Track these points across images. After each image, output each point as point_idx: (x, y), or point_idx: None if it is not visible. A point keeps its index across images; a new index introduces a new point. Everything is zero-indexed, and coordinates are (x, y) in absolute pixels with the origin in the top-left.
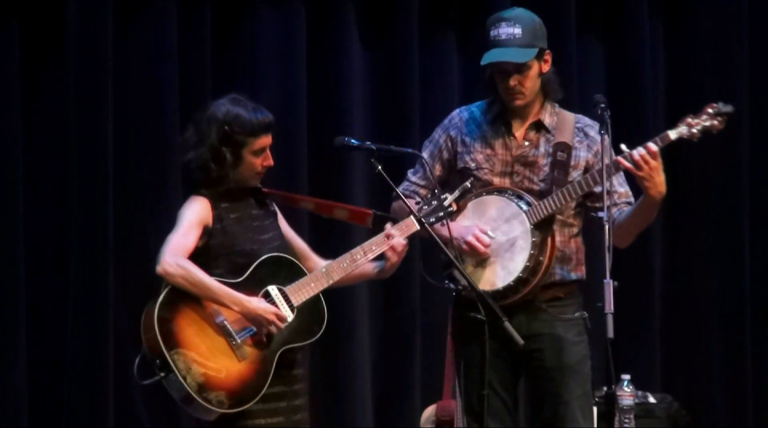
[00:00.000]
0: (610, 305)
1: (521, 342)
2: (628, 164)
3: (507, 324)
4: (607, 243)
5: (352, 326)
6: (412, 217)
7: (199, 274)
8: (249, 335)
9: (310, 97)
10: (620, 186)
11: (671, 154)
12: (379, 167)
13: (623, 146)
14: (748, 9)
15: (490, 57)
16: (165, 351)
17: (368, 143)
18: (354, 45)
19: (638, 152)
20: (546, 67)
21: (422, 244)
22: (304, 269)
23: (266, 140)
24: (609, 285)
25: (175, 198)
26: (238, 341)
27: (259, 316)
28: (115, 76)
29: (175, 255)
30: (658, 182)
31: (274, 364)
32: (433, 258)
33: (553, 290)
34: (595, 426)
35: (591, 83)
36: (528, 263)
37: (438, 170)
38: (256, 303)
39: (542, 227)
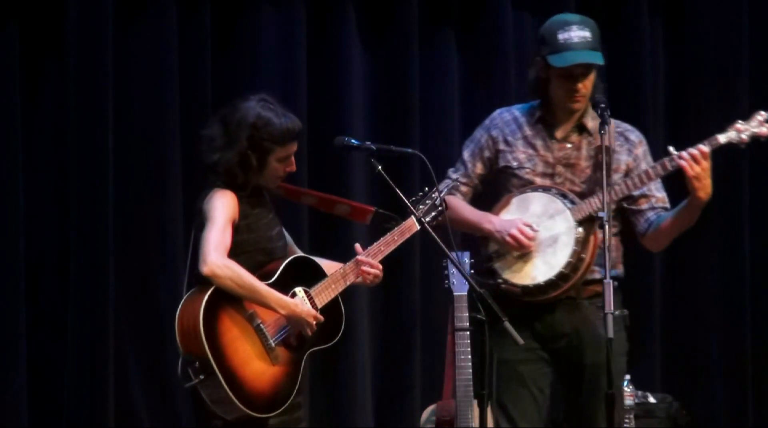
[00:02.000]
0: (610, 305)
1: (521, 341)
2: (683, 163)
3: (507, 324)
4: (606, 243)
5: (352, 326)
6: (413, 218)
7: (247, 276)
8: (281, 338)
9: (310, 97)
10: (658, 191)
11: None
12: (379, 167)
13: (671, 148)
14: (749, 9)
15: (567, 59)
16: (209, 353)
17: (368, 143)
18: (354, 45)
19: (689, 153)
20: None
21: (422, 245)
22: (324, 271)
23: (293, 147)
24: (609, 285)
25: (175, 198)
26: (273, 345)
27: (303, 319)
28: (115, 76)
29: (222, 255)
30: (707, 184)
31: (302, 368)
32: (476, 253)
33: (593, 286)
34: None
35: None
36: (570, 259)
37: (479, 168)
38: (302, 306)
39: (585, 225)
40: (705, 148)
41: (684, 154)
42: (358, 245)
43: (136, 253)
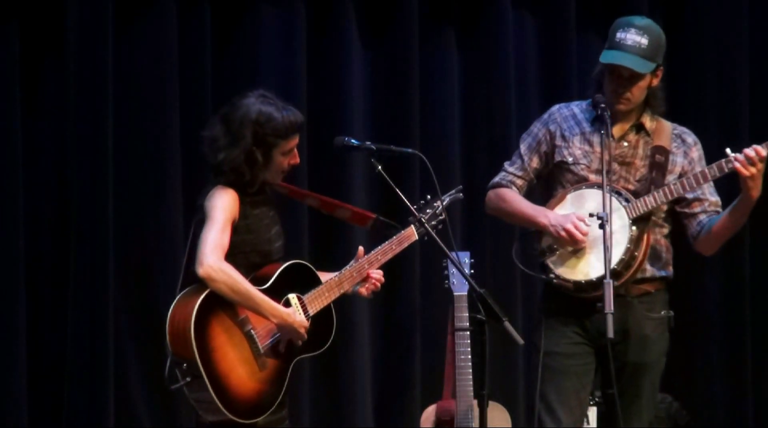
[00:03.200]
0: (610, 306)
1: (521, 341)
2: (737, 165)
3: (507, 324)
4: (606, 243)
5: (352, 326)
6: (411, 227)
7: (242, 282)
8: (270, 345)
9: (310, 97)
10: (711, 195)
11: None
12: (379, 167)
13: (728, 150)
14: (749, 9)
15: (611, 57)
16: (198, 357)
17: (368, 143)
18: (354, 45)
19: (745, 153)
20: (656, 82)
21: (422, 245)
22: (319, 277)
23: (296, 140)
24: (609, 285)
25: (175, 198)
26: (261, 351)
27: (294, 329)
28: (115, 76)
29: (219, 259)
30: (759, 183)
31: (288, 375)
32: (527, 247)
33: (644, 285)
34: (595, 425)
35: (591, 83)
36: (624, 257)
37: (535, 162)
38: (294, 316)
39: (639, 224)
40: (762, 150)
41: (739, 156)
42: (361, 249)
43: (136, 253)
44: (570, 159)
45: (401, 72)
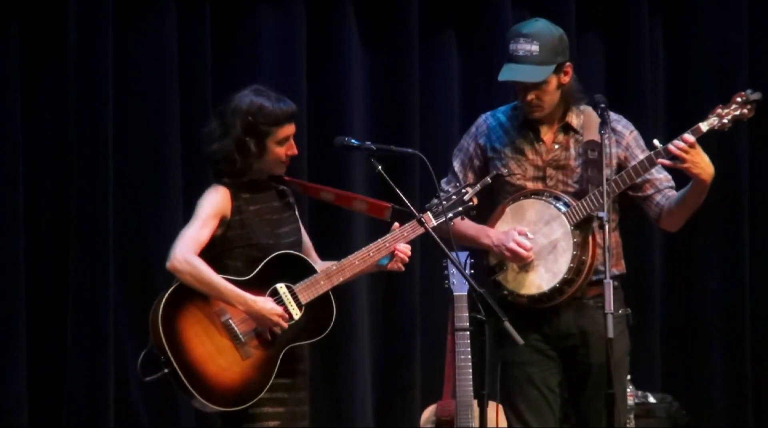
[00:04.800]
0: (610, 305)
1: (521, 341)
2: (667, 162)
3: (507, 324)
4: (606, 243)
5: (351, 325)
6: (428, 214)
7: (206, 272)
8: (254, 334)
9: (310, 98)
10: (659, 173)
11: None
12: (379, 167)
13: (656, 142)
14: (748, 9)
15: (505, 74)
16: (167, 348)
17: (368, 143)
18: (354, 45)
19: (675, 146)
20: (566, 79)
21: (422, 245)
22: (315, 267)
23: (290, 129)
24: (609, 285)
25: (175, 198)
26: (243, 340)
27: (264, 317)
28: (115, 76)
29: (186, 251)
30: (704, 165)
31: (278, 363)
32: (480, 263)
33: (598, 286)
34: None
35: (591, 83)
36: (572, 264)
37: (470, 178)
38: (262, 304)
39: (582, 227)
40: (690, 137)
41: (671, 147)
42: (396, 224)
43: (136, 253)
44: (505, 171)
45: (401, 72)
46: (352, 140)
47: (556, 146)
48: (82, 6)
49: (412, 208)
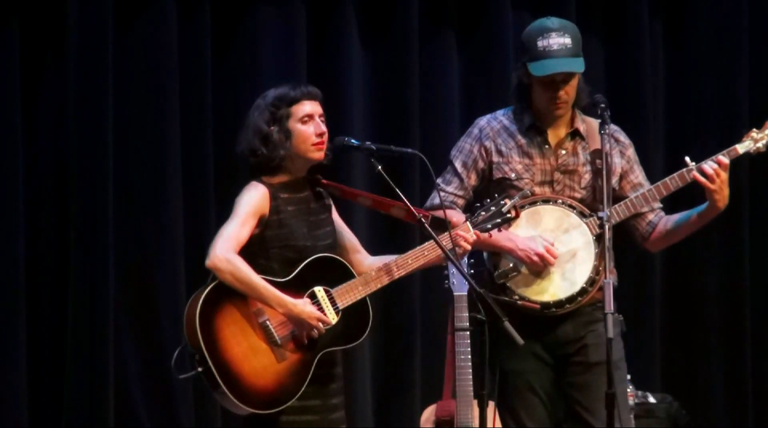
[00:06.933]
0: (609, 305)
1: (521, 342)
2: (702, 179)
3: (507, 324)
4: (606, 244)
5: None
6: (467, 224)
7: (247, 272)
8: (291, 337)
9: None
10: (645, 181)
11: (673, 153)
12: (379, 167)
13: (687, 159)
14: (748, 9)
15: (548, 67)
16: (203, 346)
17: (368, 143)
18: (354, 45)
19: (711, 166)
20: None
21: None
22: (354, 272)
23: (310, 105)
24: (609, 285)
25: (175, 198)
26: (279, 342)
27: (303, 320)
28: (115, 76)
29: (227, 250)
30: (726, 194)
31: (313, 367)
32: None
33: (597, 293)
34: None
35: (591, 83)
36: (591, 274)
37: (473, 180)
38: (301, 307)
39: (600, 239)
40: (725, 160)
41: (705, 167)
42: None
43: (136, 253)
44: (512, 175)
45: (401, 72)
46: (352, 140)
47: (563, 152)
48: (82, 6)
49: (412, 208)
